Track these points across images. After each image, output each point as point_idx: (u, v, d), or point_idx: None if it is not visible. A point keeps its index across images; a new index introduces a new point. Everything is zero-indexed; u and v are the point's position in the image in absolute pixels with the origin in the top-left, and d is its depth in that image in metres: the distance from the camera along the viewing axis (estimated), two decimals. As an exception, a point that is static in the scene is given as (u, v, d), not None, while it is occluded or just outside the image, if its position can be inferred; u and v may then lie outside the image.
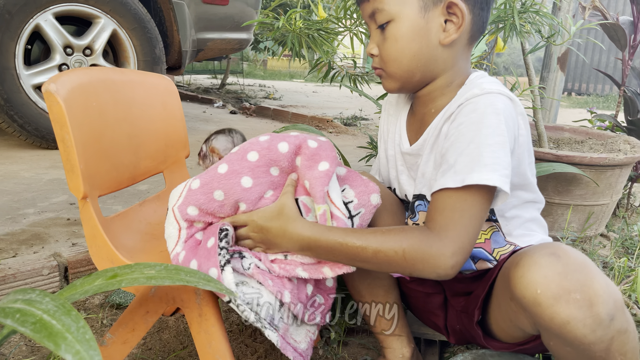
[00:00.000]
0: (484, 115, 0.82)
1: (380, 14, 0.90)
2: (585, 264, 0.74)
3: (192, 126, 4.00)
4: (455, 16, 0.89)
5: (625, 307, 0.74)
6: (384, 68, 0.95)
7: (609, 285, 0.73)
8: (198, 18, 3.22)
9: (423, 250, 0.79)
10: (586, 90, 9.99)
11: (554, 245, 0.78)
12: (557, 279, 0.72)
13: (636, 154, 1.98)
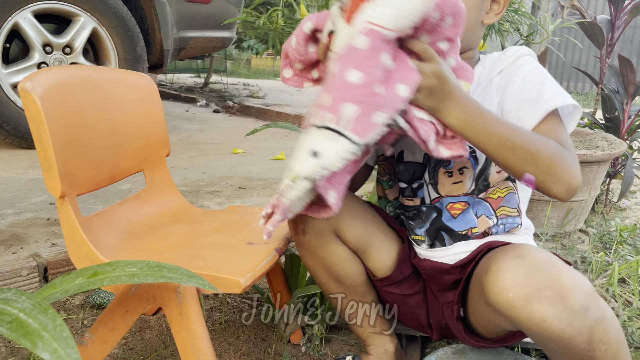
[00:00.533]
0: (538, 66, 0.96)
1: None
2: (550, 261, 0.76)
3: (175, 125, 3.98)
4: (497, 3, 0.99)
5: (598, 296, 0.75)
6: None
7: (577, 277, 0.75)
8: (180, 16, 3.20)
9: (566, 157, 0.81)
10: (567, 88, 10.11)
11: (518, 247, 0.79)
12: (526, 280, 0.74)
13: (613, 151, 2.02)
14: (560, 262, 0.77)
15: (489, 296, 0.79)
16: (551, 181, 0.80)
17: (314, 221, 1.00)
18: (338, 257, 1.04)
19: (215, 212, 1.31)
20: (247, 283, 0.93)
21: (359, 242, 1.04)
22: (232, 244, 1.10)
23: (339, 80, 0.72)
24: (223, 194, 2.19)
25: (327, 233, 1.02)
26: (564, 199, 0.82)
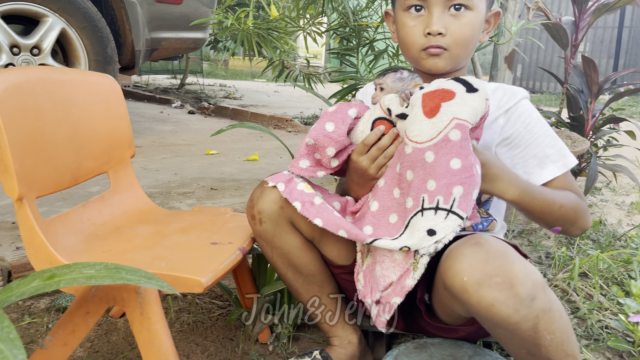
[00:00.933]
0: (539, 116, 1.08)
1: (465, 1, 1.00)
2: (505, 250, 0.80)
3: (149, 127, 3.95)
4: (488, 23, 1.10)
5: (546, 287, 0.79)
6: (451, 48, 1.03)
7: (527, 267, 0.78)
8: (151, 17, 3.17)
9: (584, 210, 1.03)
10: (539, 88, 10.31)
11: (477, 236, 0.83)
12: (481, 266, 0.78)
13: (576, 149, 2.07)
14: (514, 252, 0.81)
15: (445, 279, 0.82)
16: (573, 229, 1.03)
17: (270, 211, 1.03)
18: (294, 246, 1.07)
19: (181, 213, 1.31)
20: (208, 283, 0.94)
21: (313, 231, 1.06)
22: (196, 244, 1.10)
23: (442, 167, 0.86)
24: (194, 195, 2.19)
25: (283, 222, 1.05)
26: (577, 236, 1.13)
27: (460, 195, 0.84)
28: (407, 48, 1.07)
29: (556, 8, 9.77)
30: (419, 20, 1.03)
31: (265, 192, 1.04)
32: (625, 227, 2.41)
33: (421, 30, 1.02)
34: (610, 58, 9.61)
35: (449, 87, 0.90)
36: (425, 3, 1.01)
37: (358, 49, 2.11)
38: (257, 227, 1.06)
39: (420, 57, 1.05)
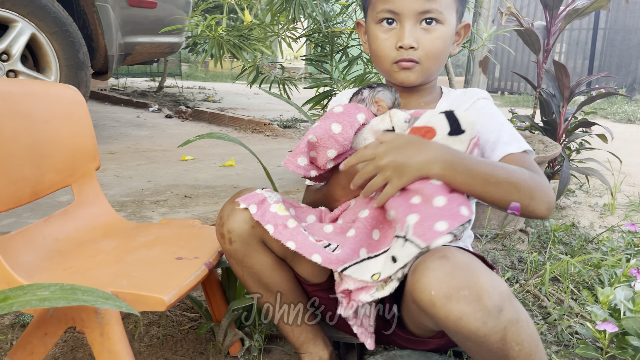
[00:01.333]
0: (496, 110, 1.09)
1: (436, 14, 1.01)
2: (471, 263, 0.79)
3: (124, 132, 3.89)
4: (458, 35, 1.11)
5: (513, 298, 0.79)
6: (422, 62, 1.04)
7: (494, 279, 0.78)
8: (124, 21, 3.13)
9: (541, 182, 0.92)
10: (517, 89, 10.44)
11: (443, 249, 0.82)
12: (447, 279, 0.77)
13: (548, 154, 2.09)
14: (481, 264, 0.81)
15: (413, 293, 0.81)
16: (534, 204, 0.91)
17: (241, 230, 1.01)
18: (265, 266, 1.05)
19: (148, 225, 1.29)
20: (171, 301, 0.92)
21: (285, 249, 1.04)
22: (161, 259, 1.08)
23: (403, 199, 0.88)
24: (167, 204, 2.16)
25: (253, 242, 1.02)
26: (546, 216, 0.93)
27: (414, 222, 0.84)
28: (379, 60, 1.08)
29: (531, 13, 9.90)
30: (390, 33, 1.04)
31: (235, 210, 1.01)
32: (598, 229, 2.45)
33: (393, 44, 1.03)
34: (585, 59, 9.77)
35: (433, 125, 0.91)
36: (397, 17, 1.02)
37: (332, 55, 2.10)
38: (226, 247, 1.04)
39: (392, 70, 1.06)
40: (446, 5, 1.02)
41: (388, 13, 1.02)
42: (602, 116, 6.88)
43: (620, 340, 1.15)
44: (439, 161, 0.87)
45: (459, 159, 0.89)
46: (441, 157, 0.87)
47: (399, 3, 1.01)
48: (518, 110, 3.36)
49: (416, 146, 0.89)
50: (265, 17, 2.29)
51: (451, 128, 0.89)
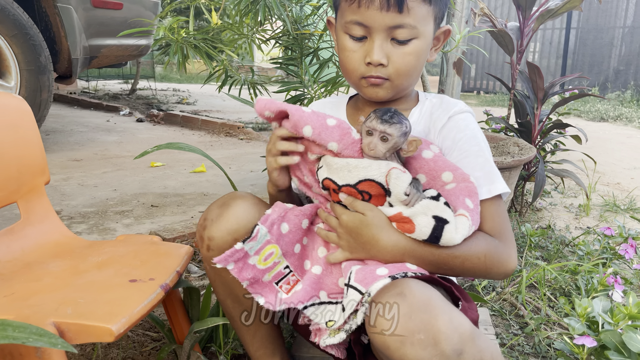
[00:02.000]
0: (475, 131, 0.99)
1: (408, 30, 0.91)
2: (429, 302, 0.72)
3: (91, 137, 3.76)
4: (437, 40, 1.01)
5: (475, 338, 0.73)
6: (393, 79, 0.95)
7: (453, 320, 0.72)
8: (88, 23, 3.01)
9: (498, 255, 0.89)
10: (492, 88, 10.50)
11: (402, 284, 0.76)
12: (402, 321, 0.71)
13: (523, 157, 2.06)
14: (440, 302, 0.74)
15: (369, 333, 0.76)
16: (489, 277, 0.91)
17: (222, 242, 0.94)
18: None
19: (102, 243, 1.21)
20: (120, 330, 0.84)
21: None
22: (113, 282, 1.00)
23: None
24: (133, 214, 2.06)
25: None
26: (508, 276, 0.93)
27: (357, 269, 0.83)
28: (346, 73, 1.00)
29: (505, 14, 9.99)
30: (359, 45, 0.95)
31: (223, 214, 0.95)
32: (574, 230, 2.43)
33: (362, 57, 0.94)
34: (558, 58, 9.88)
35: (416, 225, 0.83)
36: (367, 30, 0.92)
37: (301, 58, 2.03)
38: (203, 252, 0.98)
39: (360, 84, 0.98)
40: (421, 17, 0.91)
41: (357, 25, 0.92)
42: (576, 115, 6.95)
43: (599, 354, 1.11)
44: (390, 253, 0.86)
45: (412, 251, 0.85)
46: (394, 250, 0.86)
47: (369, 16, 0.90)
48: (493, 111, 3.34)
49: (373, 234, 0.86)
50: (234, 19, 2.21)
51: (429, 237, 0.82)
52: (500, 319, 1.54)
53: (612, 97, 8.56)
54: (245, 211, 0.95)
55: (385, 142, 0.86)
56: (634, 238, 1.80)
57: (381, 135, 0.86)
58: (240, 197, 0.97)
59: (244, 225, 0.93)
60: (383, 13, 0.89)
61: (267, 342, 1.10)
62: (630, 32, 8.93)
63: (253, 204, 0.97)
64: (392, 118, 0.86)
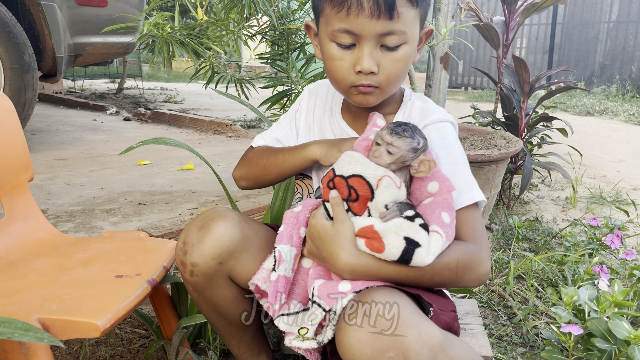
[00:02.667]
0: (453, 141, 0.98)
1: (398, 37, 0.88)
2: (398, 317, 0.71)
3: (78, 136, 3.73)
4: (420, 41, 0.98)
5: (447, 347, 0.72)
6: (383, 86, 0.93)
7: (422, 333, 0.71)
8: (73, 21, 2.98)
9: (470, 259, 0.86)
10: (480, 84, 10.55)
11: (367, 298, 0.75)
12: (371, 340, 0.70)
13: (510, 149, 2.07)
14: (408, 315, 0.72)
15: (339, 351, 0.74)
16: (462, 284, 0.88)
17: (206, 267, 0.91)
18: (226, 299, 0.97)
19: (88, 240, 1.20)
20: (106, 325, 0.84)
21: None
22: (98, 278, 0.99)
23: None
24: (120, 212, 2.05)
25: (218, 278, 0.93)
26: (482, 283, 0.91)
27: (319, 284, 0.83)
28: (335, 81, 0.96)
29: (492, 9, 10.03)
30: (347, 53, 0.91)
31: (204, 238, 0.90)
32: (561, 222, 2.45)
33: (351, 66, 0.90)
34: (545, 53, 9.95)
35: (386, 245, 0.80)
36: (356, 38, 0.88)
37: (288, 53, 2.03)
38: (186, 277, 0.94)
39: (350, 92, 0.95)
40: (409, 21, 0.89)
41: (345, 33, 0.88)
42: (562, 109, 7.01)
43: (586, 341, 1.12)
44: (348, 270, 0.83)
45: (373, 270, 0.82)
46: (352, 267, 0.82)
47: (358, 24, 0.86)
48: (481, 106, 3.36)
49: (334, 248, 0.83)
50: (219, 15, 2.20)
51: (399, 259, 0.80)
52: (489, 310, 1.55)
53: (598, 91, 8.64)
54: (228, 232, 0.90)
55: (391, 155, 0.87)
56: (619, 228, 1.82)
57: (388, 147, 0.87)
58: (220, 217, 0.92)
59: (227, 248, 0.90)
60: (374, 21, 0.85)
61: (252, 345, 1.10)
62: (615, 27, 9.01)
63: (234, 223, 0.92)
64: (405, 132, 0.86)
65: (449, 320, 0.87)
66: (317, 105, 1.12)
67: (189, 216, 1.97)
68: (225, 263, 0.91)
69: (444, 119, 1.00)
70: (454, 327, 0.88)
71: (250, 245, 0.94)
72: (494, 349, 1.33)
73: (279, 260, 0.88)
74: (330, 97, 1.11)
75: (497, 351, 1.32)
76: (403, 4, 0.86)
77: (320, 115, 1.10)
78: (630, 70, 8.72)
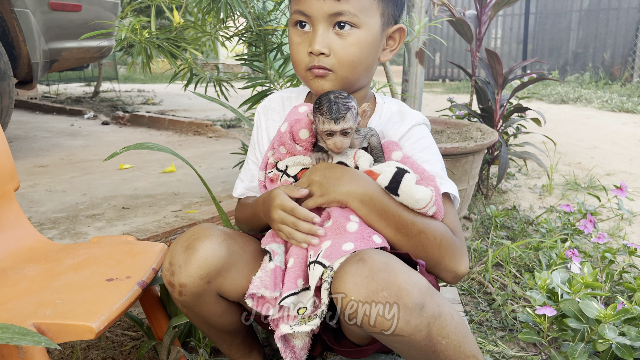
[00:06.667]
0: (430, 142, 1.05)
1: (349, 17, 0.93)
2: (389, 263, 0.78)
3: (56, 142, 3.70)
4: (393, 40, 1.04)
5: (433, 293, 0.79)
6: (336, 70, 0.96)
7: (412, 276, 0.78)
8: (47, 26, 2.96)
9: (453, 246, 0.92)
10: (457, 76, 10.68)
11: (361, 252, 0.81)
12: (365, 282, 0.76)
13: (485, 141, 2.13)
14: (398, 263, 0.80)
15: (335, 301, 0.80)
16: (439, 268, 0.93)
17: (194, 286, 0.92)
18: (216, 314, 1.00)
19: (76, 246, 1.22)
20: (100, 327, 0.87)
21: (243, 294, 0.97)
22: (89, 282, 1.02)
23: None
24: (104, 217, 2.06)
25: (207, 295, 0.95)
26: (451, 283, 0.94)
27: (327, 247, 0.86)
28: (295, 66, 1.01)
29: (465, 3, 10.15)
30: (304, 37, 0.97)
31: (191, 259, 0.91)
32: (537, 210, 2.53)
33: (305, 49, 0.96)
34: (519, 44, 10.10)
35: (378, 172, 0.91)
36: (309, 19, 0.95)
37: (266, 53, 2.05)
38: (175, 296, 0.96)
39: (307, 77, 0.99)
40: (363, 7, 0.93)
41: (299, 15, 0.95)
42: (538, 98, 7.14)
43: (560, 322, 1.18)
44: (358, 196, 0.89)
45: (379, 198, 0.89)
46: (362, 192, 0.89)
47: (307, 4, 0.93)
48: (458, 97, 3.43)
49: (345, 175, 0.91)
50: (196, 17, 2.22)
51: (389, 185, 0.88)
52: (470, 297, 1.61)
53: (572, 79, 8.81)
54: (214, 252, 0.91)
55: (347, 135, 0.91)
56: (592, 213, 1.89)
57: (341, 131, 0.91)
58: (205, 236, 0.92)
59: (214, 267, 0.91)
60: (321, 0, 0.92)
61: (243, 346, 1.13)
62: (586, 16, 9.19)
63: (220, 241, 0.93)
64: (340, 110, 0.89)
65: (433, 282, 0.93)
66: (274, 120, 1.15)
67: (173, 218, 2.00)
68: (214, 281, 0.93)
69: (422, 122, 1.06)
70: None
71: (237, 261, 0.95)
72: (474, 334, 1.38)
73: (272, 253, 0.93)
74: (287, 108, 1.14)
75: (478, 336, 1.38)
76: None
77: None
78: (602, 58, 8.91)
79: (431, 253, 0.90)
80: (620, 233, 2.20)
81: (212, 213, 2.02)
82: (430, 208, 0.90)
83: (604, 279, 1.54)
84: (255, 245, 1.02)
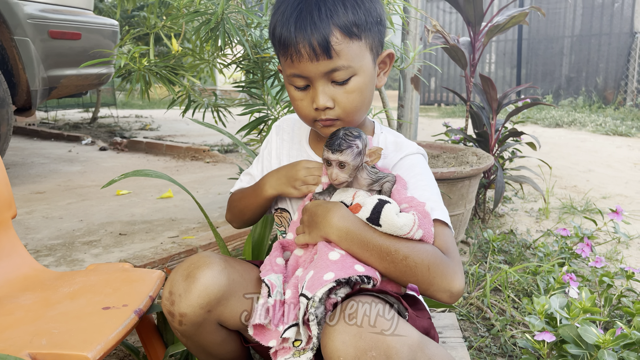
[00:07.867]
0: (425, 169, 1.05)
1: (344, 71, 0.95)
2: (377, 319, 0.77)
3: (54, 169, 3.70)
4: (384, 64, 1.06)
5: (424, 346, 0.77)
6: (343, 118, 0.99)
7: (402, 331, 0.76)
8: (46, 54, 2.99)
9: (444, 266, 0.89)
10: (453, 100, 10.79)
11: (349, 305, 0.80)
12: (354, 342, 0.75)
13: (481, 165, 2.15)
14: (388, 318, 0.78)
15: (324, 355, 0.79)
16: (432, 290, 0.89)
17: (195, 316, 0.92)
18: (215, 342, 1.00)
19: (73, 274, 1.21)
20: (96, 357, 0.86)
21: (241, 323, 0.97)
22: (86, 311, 1.01)
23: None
24: (101, 244, 2.05)
25: (207, 324, 0.95)
26: (448, 303, 0.91)
27: (309, 277, 0.87)
28: (301, 118, 1.05)
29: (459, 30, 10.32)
30: (305, 93, 0.98)
31: (191, 288, 0.91)
32: (535, 234, 2.53)
33: (310, 104, 0.98)
34: (513, 68, 10.24)
35: (362, 204, 0.92)
36: (307, 79, 0.96)
37: (263, 80, 2.08)
38: (175, 326, 0.95)
39: (315, 126, 1.03)
40: (353, 55, 0.94)
41: (297, 78, 0.96)
42: (533, 122, 7.21)
43: (559, 348, 1.17)
44: (336, 231, 0.90)
45: (357, 231, 0.89)
46: (341, 226, 0.90)
47: (303, 68, 0.94)
48: (453, 122, 3.46)
49: (328, 213, 0.92)
50: (194, 44, 2.25)
51: (370, 217, 0.89)
52: (468, 322, 1.60)
53: (565, 103, 8.91)
54: (214, 280, 0.92)
55: (344, 169, 0.94)
56: (589, 237, 1.90)
57: (337, 163, 0.93)
58: (205, 265, 0.93)
59: (214, 296, 0.92)
60: (315, 63, 0.93)
61: None
62: (578, 41, 9.33)
63: (220, 270, 0.93)
64: (341, 145, 0.93)
65: (426, 326, 0.92)
66: (284, 140, 1.19)
67: (170, 244, 1.99)
68: (214, 310, 0.93)
69: (416, 152, 1.08)
70: (430, 333, 0.94)
71: (237, 289, 0.96)
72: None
73: (271, 287, 0.92)
74: (296, 130, 1.19)
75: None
76: (340, 42, 0.92)
77: (289, 148, 1.18)
78: (595, 82, 9.02)
79: (421, 276, 0.88)
80: (617, 256, 2.20)
81: (209, 239, 2.02)
82: (415, 232, 0.89)
83: (602, 303, 1.53)
84: (254, 273, 1.02)
